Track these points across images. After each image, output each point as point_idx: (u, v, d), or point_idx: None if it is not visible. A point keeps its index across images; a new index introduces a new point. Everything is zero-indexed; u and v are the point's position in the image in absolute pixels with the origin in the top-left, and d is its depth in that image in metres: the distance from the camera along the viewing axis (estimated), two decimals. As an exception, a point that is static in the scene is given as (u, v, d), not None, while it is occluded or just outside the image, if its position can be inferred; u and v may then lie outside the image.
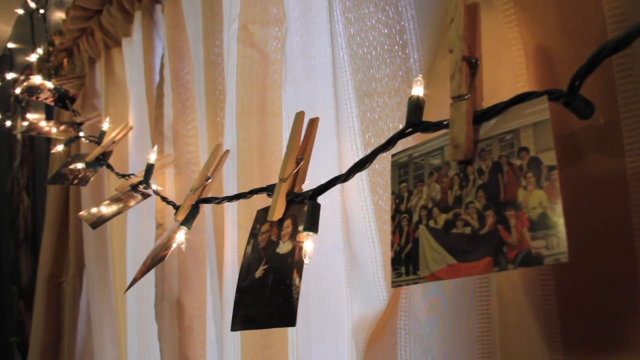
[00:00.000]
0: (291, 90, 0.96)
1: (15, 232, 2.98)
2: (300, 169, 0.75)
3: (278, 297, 0.66)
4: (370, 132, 0.82)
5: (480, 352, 0.73)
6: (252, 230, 0.78)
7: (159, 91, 1.36)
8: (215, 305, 1.22)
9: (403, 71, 0.80)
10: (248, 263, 0.75)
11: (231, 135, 0.98)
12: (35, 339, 1.98)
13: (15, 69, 2.82)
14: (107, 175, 1.68)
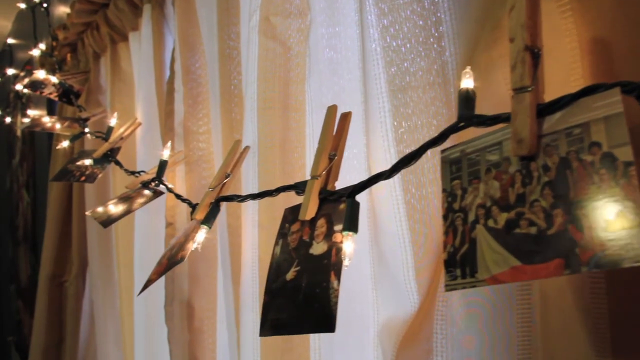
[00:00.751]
0: (315, 84, 0.92)
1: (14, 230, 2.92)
2: (333, 166, 0.71)
3: (313, 301, 0.63)
4: (403, 127, 0.79)
5: (521, 357, 0.69)
6: (281, 229, 0.74)
7: (170, 86, 1.32)
8: (228, 307, 1.18)
9: (438, 65, 0.77)
10: (277, 264, 0.71)
11: (252, 131, 0.94)
12: (36, 340, 1.93)
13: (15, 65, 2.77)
14: (113, 172, 1.64)
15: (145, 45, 1.46)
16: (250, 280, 0.96)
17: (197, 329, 1.32)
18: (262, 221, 0.93)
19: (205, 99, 1.30)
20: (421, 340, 0.76)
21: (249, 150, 0.93)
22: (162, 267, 0.90)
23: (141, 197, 1.11)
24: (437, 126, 0.78)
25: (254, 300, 0.95)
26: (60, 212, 1.91)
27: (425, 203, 0.78)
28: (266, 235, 0.93)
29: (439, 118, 0.78)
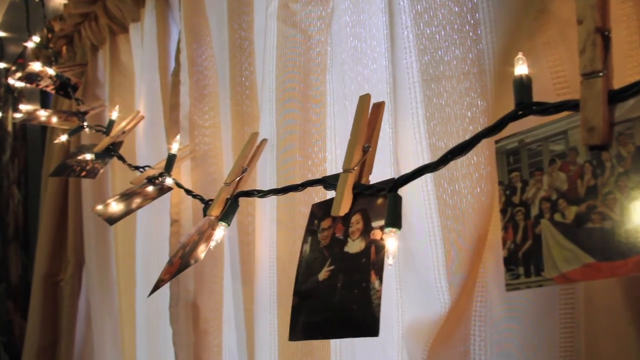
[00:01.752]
0: (338, 74, 0.88)
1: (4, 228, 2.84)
2: (367, 158, 0.67)
3: (352, 302, 0.59)
4: (436, 119, 0.75)
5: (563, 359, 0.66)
6: (309, 226, 0.70)
7: (175, 78, 1.27)
8: (237, 308, 1.14)
9: (474, 54, 0.73)
10: (307, 264, 0.67)
11: (270, 123, 0.90)
12: (30, 341, 1.87)
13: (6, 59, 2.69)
14: (112, 167, 1.58)
15: (148, 36, 1.41)
16: (267, 280, 0.92)
17: (202, 331, 1.27)
18: (280, 217, 0.89)
19: (211, 92, 1.26)
20: (456, 342, 0.72)
21: (266, 143, 0.89)
22: (175, 267, 0.86)
23: (148, 193, 1.06)
24: (471, 118, 0.74)
25: (272, 302, 0.91)
26: (55, 209, 1.85)
27: (458, 199, 0.75)
28: (285, 233, 0.88)
29: (473, 110, 0.74)
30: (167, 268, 0.89)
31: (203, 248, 0.80)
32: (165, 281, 0.86)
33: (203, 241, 0.82)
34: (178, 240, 1.25)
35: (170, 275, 0.86)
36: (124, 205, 1.04)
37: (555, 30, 0.65)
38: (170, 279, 0.84)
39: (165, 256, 1.37)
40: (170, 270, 0.86)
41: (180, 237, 1.25)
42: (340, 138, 0.88)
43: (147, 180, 1.13)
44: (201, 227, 0.88)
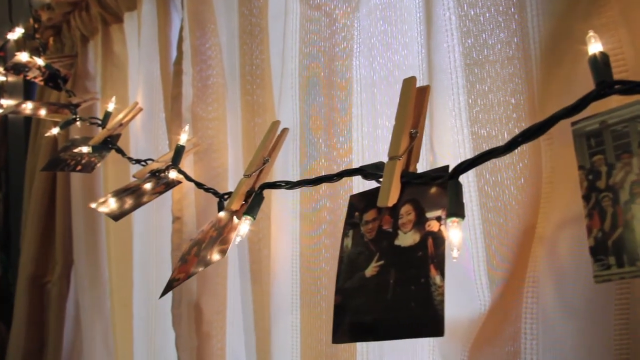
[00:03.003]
0: (366, 60, 0.83)
1: (-20, 228, 2.72)
2: (414, 146, 0.62)
3: (409, 300, 0.54)
4: (478, 106, 0.71)
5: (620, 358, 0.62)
6: (349, 219, 0.65)
7: (177, 67, 1.21)
8: (246, 309, 1.08)
9: (518, 37, 0.69)
10: (350, 259, 0.62)
11: (292, 111, 0.85)
12: (15, 345, 1.78)
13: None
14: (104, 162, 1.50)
15: (146, 25, 1.34)
16: (289, 278, 0.86)
17: (205, 334, 1.20)
18: (304, 212, 0.83)
19: (215, 83, 1.20)
20: (504, 341, 0.68)
21: (287, 132, 0.83)
22: (191, 265, 0.80)
23: (155, 187, 1.00)
24: (514, 105, 0.70)
25: (294, 301, 0.85)
26: (42, 207, 1.76)
27: (500, 190, 0.70)
28: (308, 228, 0.83)
29: (517, 96, 0.70)
30: (180, 267, 0.83)
31: (226, 244, 0.74)
32: (181, 280, 0.80)
33: (224, 237, 0.76)
34: (181, 238, 1.19)
35: (186, 274, 0.80)
36: (132, 199, 0.97)
37: (616, 11, 0.61)
38: (187, 278, 0.78)
39: (166, 255, 1.31)
40: (186, 269, 0.80)
41: (183, 235, 1.19)
42: (368, 127, 0.83)
43: (150, 173, 1.07)
44: (219, 222, 0.82)
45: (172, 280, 0.81)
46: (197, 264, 0.79)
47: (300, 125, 0.83)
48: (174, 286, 0.79)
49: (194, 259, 0.81)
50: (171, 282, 0.81)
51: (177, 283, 0.79)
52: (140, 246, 1.35)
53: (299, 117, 0.84)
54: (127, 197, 0.99)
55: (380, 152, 0.82)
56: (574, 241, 0.64)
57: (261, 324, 1.05)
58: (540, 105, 0.69)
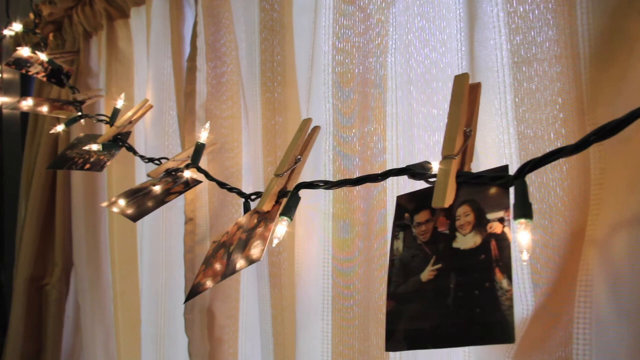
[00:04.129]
0: (402, 57, 0.80)
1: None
2: (469, 144, 0.60)
3: (473, 305, 0.51)
4: (525, 105, 0.68)
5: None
6: (398, 221, 0.62)
7: (191, 64, 1.17)
8: (263, 314, 1.05)
9: (567, 35, 0.67)
10: (403, 263, 0.59)
11: (324, 108, 0.82)
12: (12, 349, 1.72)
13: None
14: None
15: (157, 19, 1.30)
16: (320, 282, 0.83)
17: (217, 339, 1.17)
18: (337, 213, 0.80)
19: (229, 80, 1.16)
20: (554, 346, 0.66)
21: (319, 130, 0.80)
22: (220, 270, 0.76)
23: (173, 187, 0.96)
24: (561, 104, 0.68)
25: (326, 306, 0.82)
26: (41, 207, 1.71)
27: (546, 191, 0.68)
28: (341, 230, 0.80)
29: (564, 96, 0.68)
30: (206, 270, 0.80)
31: (259, 246, 0.70)
32: (209, 286, 0.76)
33: (256, 239, 0.73)
34: (194, 240, 1.15)
35: (214, 279, 0.76)
36: (151, 200, 0.93)
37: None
38: (217, 282, 0.74)
39: (176, 257, 1.27)
40: (213, 273, 0.77)
41: (196, 237, 1.16)
42: (403, 126, 0.80)
43: (165, 172, 1.03)
44: (248, 224, 0.79)
45: (197, 285, 0.78)
46: (228, 267, 0.76)
47: (334, 123, 0.81)
48: (200, 291, 0.76)
49: (222, 262, 0.78)
50: (197, 287, 0.77)
51: (203, 288, 0.76)
52: (148, 248, 1.31)
53: (332, 115, 0.81)
54: (145, 197, 0.96)
55: (415, 152, 0.80)
56: (629, 244, 0.62)
57: (280, 329, 1.02)
58: (590, 105, 0.68)
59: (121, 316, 1.45)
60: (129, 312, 1.43)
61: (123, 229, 1.45)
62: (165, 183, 0.99)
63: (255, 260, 0.68)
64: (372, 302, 0.79)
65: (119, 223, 1.46)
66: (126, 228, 1.44)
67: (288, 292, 0.97)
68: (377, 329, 0.79)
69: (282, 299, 1.00)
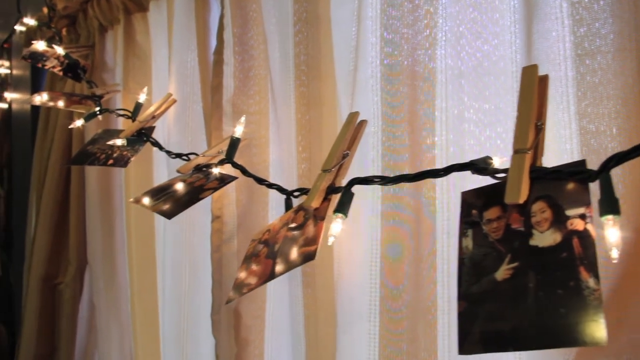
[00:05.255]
0: (453, 50, 0.78)
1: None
2: (540, 139, 0.57)
3: (557, 305, 0.49)
4: (587, 99, 0.66)
5: None
6: (465, 218, 0.59)
7: (218, 57, 1.14)
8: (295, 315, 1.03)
9: (631, 27, 0.65)
10: (474, 261, 0.56)
11: (372, 102, 0.79)
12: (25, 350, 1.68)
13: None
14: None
15: (180, 13, 1.28)
16: (367, 282, 0.80)
17: (243, 340, 1.14)
18: (385, 211, 0.78)
19: (257, 74, 1.14)
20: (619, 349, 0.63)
21: (366, 124, 0.78)
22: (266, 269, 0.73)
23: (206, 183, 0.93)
24: (624, 99, 0.66)
25: (373, 308, 0.79)
26: (54, 205, 1.67)
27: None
28: (390, 228, 0.78)
29: (626, 90, 0.66)
30: (249, 270, 0.77)
31: (312, 245, 0.68)
32: (254, 285, 0.74)
33: (307, 237, 0.70)
34: (221, 239, 1.12)
35: (259, 278, 0.73)
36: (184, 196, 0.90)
37: None
38: (263, 283, 0.71)
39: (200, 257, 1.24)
40: (259, 272, 0.74)
41: (223, 235, 1.13)
42: (453, 121, 0.78)
43: (195, 168, 1.01)
44: (293, 221, 0.76)
45: (241, 284, 0.75)
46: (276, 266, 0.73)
47: (382, 118, 0.78)
48: (245, 291, 0.73)
49: (267, 261, 0.75)
50: (240, 287, 0.75)
51: (249, 288, 0.73)
52: (171, 248, 1.28)
53: (380, 109, 0.78)
54: (178, 194, 0.93)
55: (466, 148, 0.77)
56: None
57: (313, 331, 0.99)
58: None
59: (138, 316, 1.42)
60: (146, 311, 1.40)
61: (141, 227, 1.42)
62: (197, 179, 0.96)
63: (309, 259, 0.65)
64: (421, 302, 0.76)
65: (136, 221, 1.43)
66: (144, 226, 1.41)
67: (324, 292, 0.95)
68: (425, 331, 0.76)
69: (316, 299, 0.98)
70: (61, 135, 1.64)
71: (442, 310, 0.77)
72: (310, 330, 1.00)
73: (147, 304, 1.40)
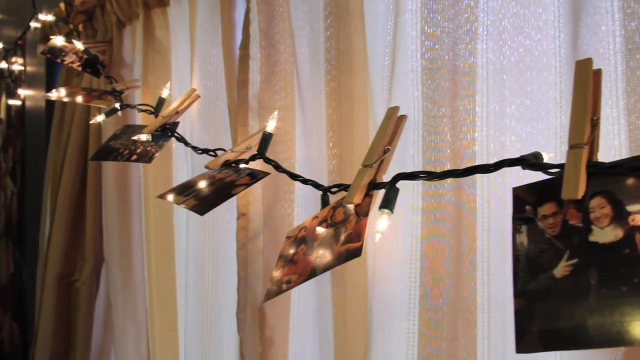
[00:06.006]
0: (495, 44, 0.76)
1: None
2: (595, 134, 0.56)
3: (621, 303, 0.47)
4: (637, 94, 0.65)
5: None
6: (518, 214, 0.58)
7: (244, 52, 1.13)
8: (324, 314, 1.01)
9: (686, 20, 0.63)
10: (529, 258, 0.55)
11: (412, 96, 0.78)
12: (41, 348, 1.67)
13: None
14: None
15: (205, 6, 1.26)
16: (406, 280, 0.79)
17: (268, 339, 1.13)
18: (426, 207, 0.77)
19: (283, 70, 1.12)
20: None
21: (406, 119, 0.76)
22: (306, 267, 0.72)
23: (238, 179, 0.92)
24: (675, 95, 0.64)
25: (412, 306, 0.78)
26: (71, 201, 1.66)
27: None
28: (431, 225, 0.76)
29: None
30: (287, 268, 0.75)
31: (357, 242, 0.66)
32: (294, 283, 0.72)
33: (349, 234, 0.69)
34: (247, 236, 1.11)
35: (299, 276, 0.72)
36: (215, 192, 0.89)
37: None
38: (304, 280, 0.70)
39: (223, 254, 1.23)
40: (298, 270, 0.73)
41: (249, 232, 1.12)
42: (494, 117, 0.77)
43: (224, 164, 0.99)
44: (332, 218, 0.75)
45: (279, 282, 0.74)
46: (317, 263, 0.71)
47: (423, 112, 0.77)
48: (284, 289, 0.72)
49: (306, 258, 0.73)
50: (279, 285, 0.73)
51: (289, 286, 0.72)
52: (194, 245, 1.26)
53: (421, 103, 0.77)
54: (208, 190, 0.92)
55: (507, 144, 0.76)
56: None
57: (342, 330, 0.98)
58: None
59: (157, 314, 1.41)
60: (165, 310, 1.39)
61: (160, 224, 1.41)
62: (227, 175, 0.95)
63: (355, 255, 0.64)
64: (461, 301, 0.75)
65: (155, 217, 1.42)
66: (163, 223, 1.40)
67: (354, 291, 0.94)
68: (465, 330, 0.75)
69: (345, 298, 0.97)
70: (78, 131, 1.63)
71: (482, 309, 0.76)
72: (339, 329, 0.99)
73: (165, 303, 1.39)
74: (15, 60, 2.23)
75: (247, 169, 0.94)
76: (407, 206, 0.78)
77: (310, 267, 0.71)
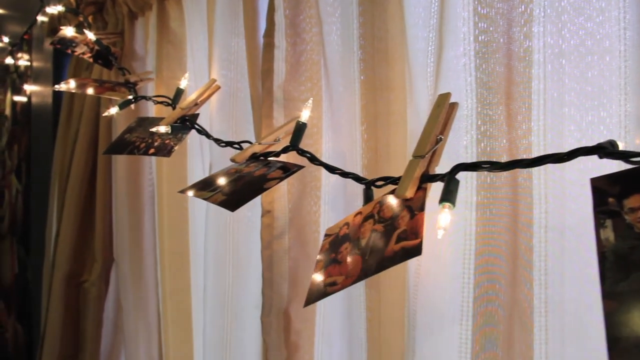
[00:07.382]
0: (553, 27, 0.71)
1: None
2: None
3: None
4: None
5: None
6: (600, 207, 0.52)
7: (268, 40, 1.07)
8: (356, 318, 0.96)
9: None
10: (618, 255, 0.49)
11: (466, 82, 0.72)
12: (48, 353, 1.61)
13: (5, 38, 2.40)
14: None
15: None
16: (459, 281, 0.73)
17: (293, 344, 1.07)
18: (481, 202, 0.71)
19: (309, 59, 1.07)
20: None
21: (457, 108, 0.71)
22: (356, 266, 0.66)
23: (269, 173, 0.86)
24: None
25: (466, 309, 0.72)
26: (80, 200, 1.60)
27: None
28: (486, 221, 0.71)
29: None
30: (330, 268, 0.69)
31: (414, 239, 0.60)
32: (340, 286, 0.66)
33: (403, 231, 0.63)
34: (272, 234, 1.05)
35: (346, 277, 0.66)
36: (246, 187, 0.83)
37: None
38: (355, 282, 0.64)
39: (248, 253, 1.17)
40: (345, 271, 0.67)
41: (274, 230, 1.06)
42: (552, 104, 0.71)
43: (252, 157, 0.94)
44: (381, 213, 0.69)
45: (320, 284, 0.68)
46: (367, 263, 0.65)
47: (477, 99, 0.71)
48: (329, 292, 0.66)
49: (355, 257, 0.67)
50: (323, 288, 0.67)
51: (335, 288, 0.66)
52: (213, 243, 1.20)
53: (475, 90, 0.71)
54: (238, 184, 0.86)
55: (565, 133, 0.70)
56: None
57: (376, 334, 0.93)
58: None
59: (170, 317, 1.34)
60: (179, 312, 1.33)
61: (173, 222, 1.35)
62: (257, 168, 0.89)
63: (414, 254, 0.58)
64: (517, 304, 0.69)
65: (169, 216, 1.36)
66: (177, 221, 1.34)
67: (390, 293, 0.88)
68: (521, 335, 0.69)
69: (380, 300, 0.91)
70: (87, 126, 1.57)
71: (539, 312, 0.70)
72: (373, 334, 0.93)
73: (180, 305, 1.33)
74: (21, 55, 2.17)
75: (278, 162, 0.88)
76: (460, 201, 0.72)
77: (360, 268, 0.65)
